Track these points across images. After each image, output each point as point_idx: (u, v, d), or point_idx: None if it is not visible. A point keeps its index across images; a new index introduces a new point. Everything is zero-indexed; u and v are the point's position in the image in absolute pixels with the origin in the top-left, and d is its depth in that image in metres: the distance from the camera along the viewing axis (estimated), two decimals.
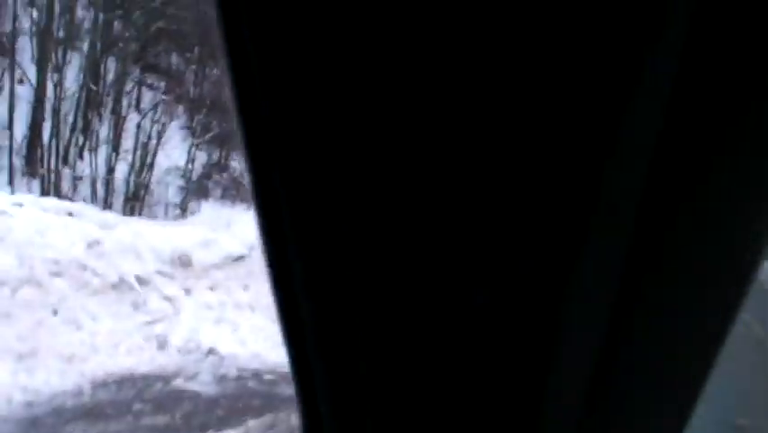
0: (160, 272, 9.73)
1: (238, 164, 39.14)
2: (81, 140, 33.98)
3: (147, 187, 33.40)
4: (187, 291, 9.12)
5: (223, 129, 37.07)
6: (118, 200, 33.12)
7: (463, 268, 0.65)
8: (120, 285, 8.49)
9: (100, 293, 8.15)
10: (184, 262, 10.49)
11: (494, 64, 0.57)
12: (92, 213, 24.41)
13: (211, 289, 9.75)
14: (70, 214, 23.48)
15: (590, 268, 0.63)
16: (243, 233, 15.73)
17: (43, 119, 33.04)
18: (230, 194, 35.83)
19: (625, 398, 0.71)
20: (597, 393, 0.70)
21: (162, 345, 7.56)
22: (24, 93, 33.31)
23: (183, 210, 32.85)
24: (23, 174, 32.07)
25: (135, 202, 32.67)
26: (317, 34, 0.59)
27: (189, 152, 34.77)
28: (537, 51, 0.57)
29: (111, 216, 25.59)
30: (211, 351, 7.60)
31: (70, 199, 29.80)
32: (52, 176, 32.22)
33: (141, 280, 8.75)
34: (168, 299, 8.64)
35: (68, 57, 35.14)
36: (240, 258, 11.23)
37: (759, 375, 1.81)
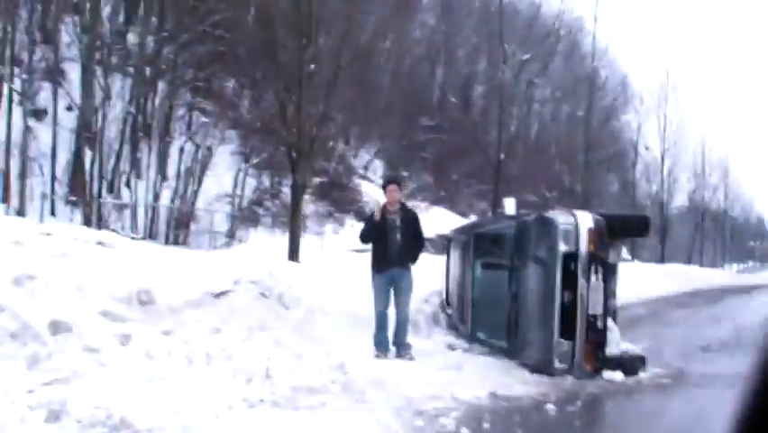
0: (105, 313, 7.88)
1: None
2: (127, 167, 32.61)
3: (192, 214, 31.84)
4: (125, 339, 7.14)
5: (275, 154, 35.43)
6: (164, 228, 31.70)
7: None
8: (21, 334, 6.58)
9: None
10: (144, 299, 8.63)
11: None
12: (123, 242, 22.86)
13: (165, 334, 7.82)
14: (101, 243, 22.02)
15: None
16: (245, 261, 13.81)
17: (88, 146, 31.78)
18: (280, 221, 34.12)
19: None
20: None
21: (54, 416, 5.62)
22: (71, 121, 32.10)
23: (230, 238, 31.14)
24: (66, 203, 30.74)
25: (180, 230, 31.12)
26: None
27: (236, 178, 33.07)
28: None
29: (146, 246, 24.04)
30: (123, 422, 5.61)
31: (111, 229, 28.36)
32: (94, 205, 30.84)
33: (59, 327, 6.82)
34: (90, 350, 6.70)
35: (117, 82, 33.98)
36: (222, 294, 9.32)
37: None
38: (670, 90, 50.99)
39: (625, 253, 49.88)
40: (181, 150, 32.09)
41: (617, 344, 9.23)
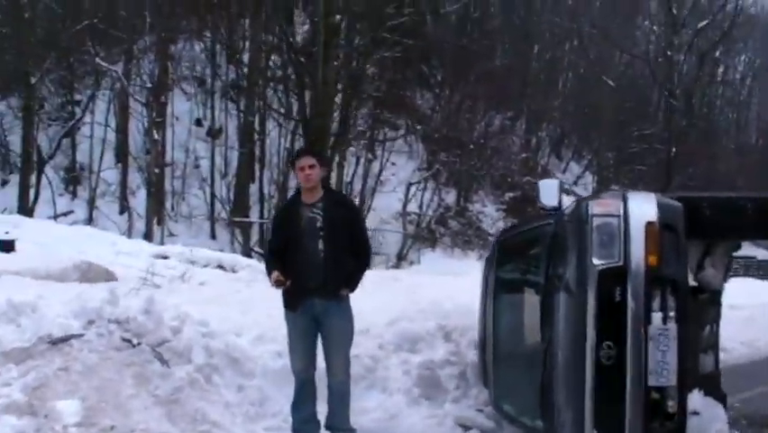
0: None
1: (481, 206, 33.73)
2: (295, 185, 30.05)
3: None
4: None
5: (463, 168, 31.97)
6: None
7: None
8: None
9: None
10: None
11: None
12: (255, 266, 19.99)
13: None
14: (221, 267, 19.29)
15: None
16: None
17: (257, 165, 29.68)
18: (462, 240, 30.43)
19: None
20: None
21: None
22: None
23: (400, 260, 27.80)
24: (228, 225, 28.58)
25: None
26: None
27: (407, 193, 29.74)
28: None
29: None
30: None
31: (257, 252, 25.84)
32: (255, 226, 28.56)
33: None
34: None
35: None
36: (64, 340, 5.82)
37: None
38: None
39: None
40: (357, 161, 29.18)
41: None
